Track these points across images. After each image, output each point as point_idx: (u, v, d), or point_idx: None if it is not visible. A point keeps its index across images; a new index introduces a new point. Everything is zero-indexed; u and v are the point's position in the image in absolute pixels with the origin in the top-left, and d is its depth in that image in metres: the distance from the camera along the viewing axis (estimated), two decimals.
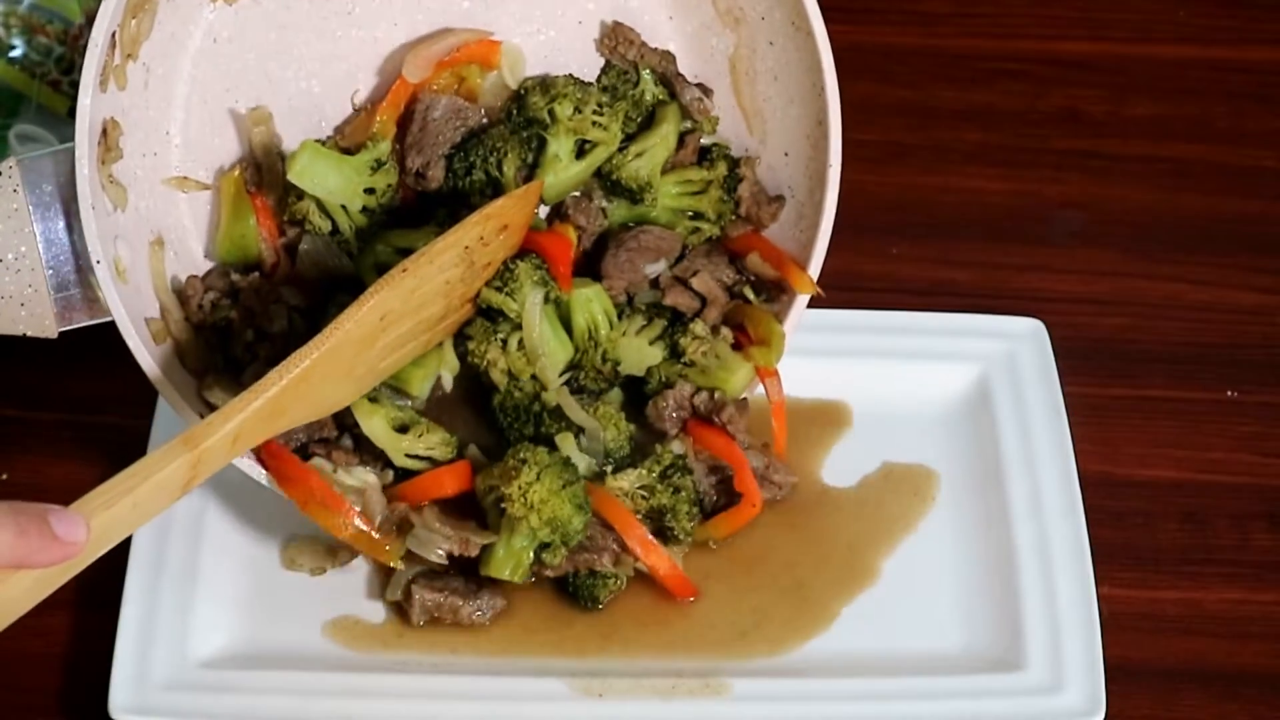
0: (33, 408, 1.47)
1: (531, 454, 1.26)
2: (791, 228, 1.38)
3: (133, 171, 1.26)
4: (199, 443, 1.11)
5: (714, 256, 1.38)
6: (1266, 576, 1.38)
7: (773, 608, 1.33)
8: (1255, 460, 1.46)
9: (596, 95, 1.36)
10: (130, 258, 1.25)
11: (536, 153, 1.36)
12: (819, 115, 1.32)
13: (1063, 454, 1.39)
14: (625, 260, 1.36)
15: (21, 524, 0.98)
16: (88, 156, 1.18)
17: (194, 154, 1.31)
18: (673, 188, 1.39)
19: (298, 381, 1.16)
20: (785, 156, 1.37)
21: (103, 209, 1.21)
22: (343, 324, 1.19)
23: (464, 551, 1.28)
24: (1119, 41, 1.80)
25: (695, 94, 1.38)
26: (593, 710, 1.26)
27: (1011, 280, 1.58)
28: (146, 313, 1.27)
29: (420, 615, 1.30)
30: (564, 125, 1.35)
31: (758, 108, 1.37)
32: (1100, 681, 1.26)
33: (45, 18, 1.55)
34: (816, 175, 1.34)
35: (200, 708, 1.25)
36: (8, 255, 1.21)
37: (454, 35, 1.36)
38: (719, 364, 1.34)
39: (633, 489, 1.30)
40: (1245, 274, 1.59)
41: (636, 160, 1.37)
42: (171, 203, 1.31)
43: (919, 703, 1.27)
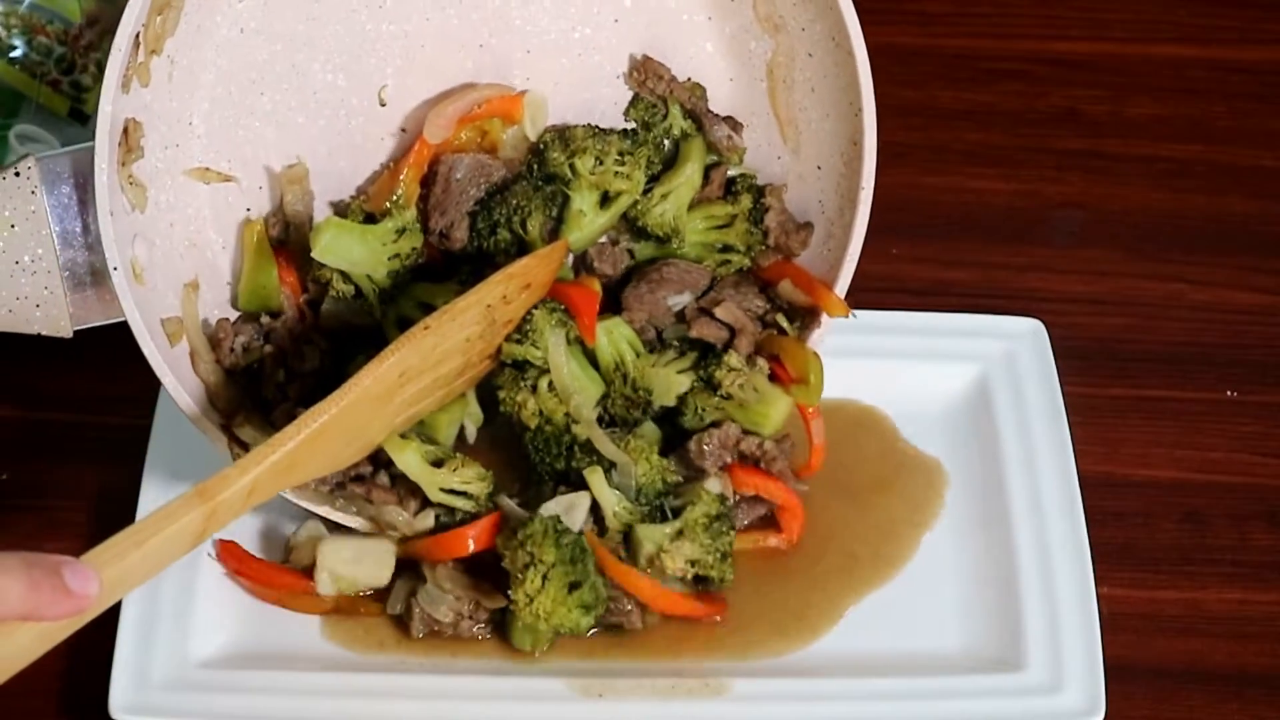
0: (33, 408, 1.47)
1: (538, 548, 1.24)
2: (820, 245, 1.37)
3: (153, 166, 1.25)
4: (214, 496, 1.10)
5: (743, 286, 1.36)
6: (1266, 576, 1.38)
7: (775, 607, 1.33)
8: (1255, 460, 1.46)
9: (617, 144, 1.35)
10: (148, 255, 1.24)
11: (560, 207, 1.36)
12: (854, 135, 1.31)
13: (1063, 454, 1.39)
14: (646, 292, 1.35)
15: (35, 577, 0.97)
16: (107, 162, 1.17)
17: (216, 144, 1.30)
18: (699, 223, 1.38)
19: (314, 436, 1.16)
20: (818, 170, 1.36)
21: (121, 210, 1.21)
22: (361, 380, 1.19)
23: (474, 615, 1.29)
24: (1119, 41, 1.80)
25: (724, 131, 1.37)
26: (593, 710, 1.26)
27: (1011, 280, 1.58)
28: (164, 313, 1.27)
29: (421, 628, 1.30)
30: (586, 180, 1.34)
31: (792, 116, 1.36)
32: (1100, 681, 1.26)
33: (45, 18, 1.55)
34: (848, 195, 1.33)
35: (200, 708, 1.25)
36: (24, 257, 1.21)
37: (476, 91, 1.36)
38: (757, 397, 1.32)
39: (668, 543, 1.29)
40: (1245, 274, 1.59)
41: (662, 204, 1.36)
42: (192, 194, 1.30)
43: (919, 703, 1.27)
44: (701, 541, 1.28)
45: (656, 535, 1.28)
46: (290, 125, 1.33)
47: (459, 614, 1.29)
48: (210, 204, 1.31)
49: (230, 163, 1.32)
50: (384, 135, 1.36)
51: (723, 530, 1.29)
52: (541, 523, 1.25)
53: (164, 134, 1.26)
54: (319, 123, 1.34)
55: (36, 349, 1.49)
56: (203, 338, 1.30)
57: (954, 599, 1.34)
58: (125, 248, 1.21)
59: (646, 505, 1.30)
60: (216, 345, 1.31)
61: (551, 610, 1.24)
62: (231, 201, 1.33)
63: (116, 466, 1.41)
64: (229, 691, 1.27)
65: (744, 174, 1.39)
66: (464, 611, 1.29)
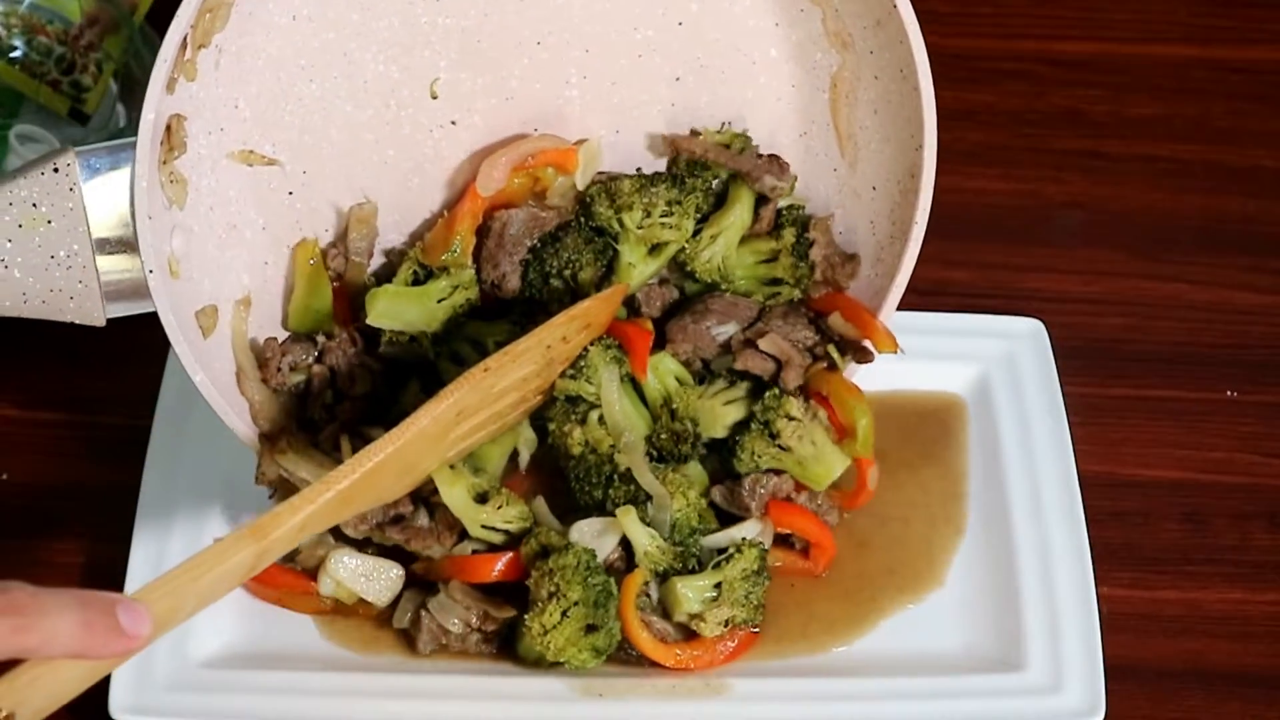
0: (33, 408, 1.47)
1: (566, 583, 1.24)
2: (867, 269, 1.37)
3: (196, 153, 1.24)
4: (267, 534, 1.09)
5: (791, 317, 1.35)
6: (1266, 576, 1.38)
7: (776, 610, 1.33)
8: (1255, 460, 1.46)
9: (665, 194, 1.35)
10: (185, 245, 1.24)
11: (611, 258, 1.36)
12: (912, 169, 1.31)
13: (1063, 454, 1.39)
14: (690, 323, 1.34)
15: (88, 617, 0.96)
16: (147, 168, 1.17)
17: (262, 128, 1.30)
18: (747, 258, 1.38)
19: (368, 475, 1.16)
20: (873, 190, 1.35)
21: (160, 208, 1.20)
22: (418, 420, 1.19)
23: (482, 625, 1.29)
24: (1119, 41, 1.80)
25: (771, 181, 1.36)
26: (593, 710, 1.26)
27: (1011, 280, 1.58)
28: (198, 303, 1.26)
29: (428, 644, 1.30)
30: (633, 234, 1.35)
31: (852, 133, 1.35)
32: (1100, 681, 1.26)
33: (45, 18, 1.55)
34: (900, 224, 1.33)
35: (200, 708, 1.26)
36: (60, 252, 1.21)
37: (530, 142, 1.36)
38: (814, 453, 1.32)
39: (710, 607, 1.28)
40: (1245, 274, 1.59)
41: (710, 247, 1.36)
42: (234, 177, 1.29)
43: (919, 703, 1.27)
44: (738, 597, 1.28)
45: (697, 594, 1.28)
46: (338, 113, 1.32)
47: (468, 625, 1.28)
48: (252, 187, 1.31)
49: (275, 146, 1.31)
50: (433, 127, 1.35)
51: (760, 582, 1.29)
52: (575, 555, 1.25)
53: (208, 120, 1.25)
54: (367, 112, 1.33)
55: (36, 349, 1.49)
56: (250, 356, 1.31)
57: (954, 599, 1.34)
58: (162, 244, 1.20)
59: (679, 544, 1.30)
60: (264, 364, 1.31)
61: (563, 647, 1.25)
62: (274, 185, 1.32)
63: (116, 466, 1.41)
64: (229, 691, 1.27)
65: (793, 204, 1.38)
66: (473, 622, 1.29)
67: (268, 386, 1.30)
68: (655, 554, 1.28)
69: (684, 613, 1.28)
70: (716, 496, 1.33)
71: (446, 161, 1.37)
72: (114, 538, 1.34)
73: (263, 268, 1.33)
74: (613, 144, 1.38)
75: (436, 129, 1.35)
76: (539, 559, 1.26)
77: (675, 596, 1.27)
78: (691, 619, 1.28)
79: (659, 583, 1.29)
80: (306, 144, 1.32)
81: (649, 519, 1.29)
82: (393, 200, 1.36)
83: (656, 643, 1.27)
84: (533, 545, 1.27)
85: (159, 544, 1.33)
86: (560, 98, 1.36)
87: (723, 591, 1.28)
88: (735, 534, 1.31)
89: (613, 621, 1.26)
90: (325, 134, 1.33)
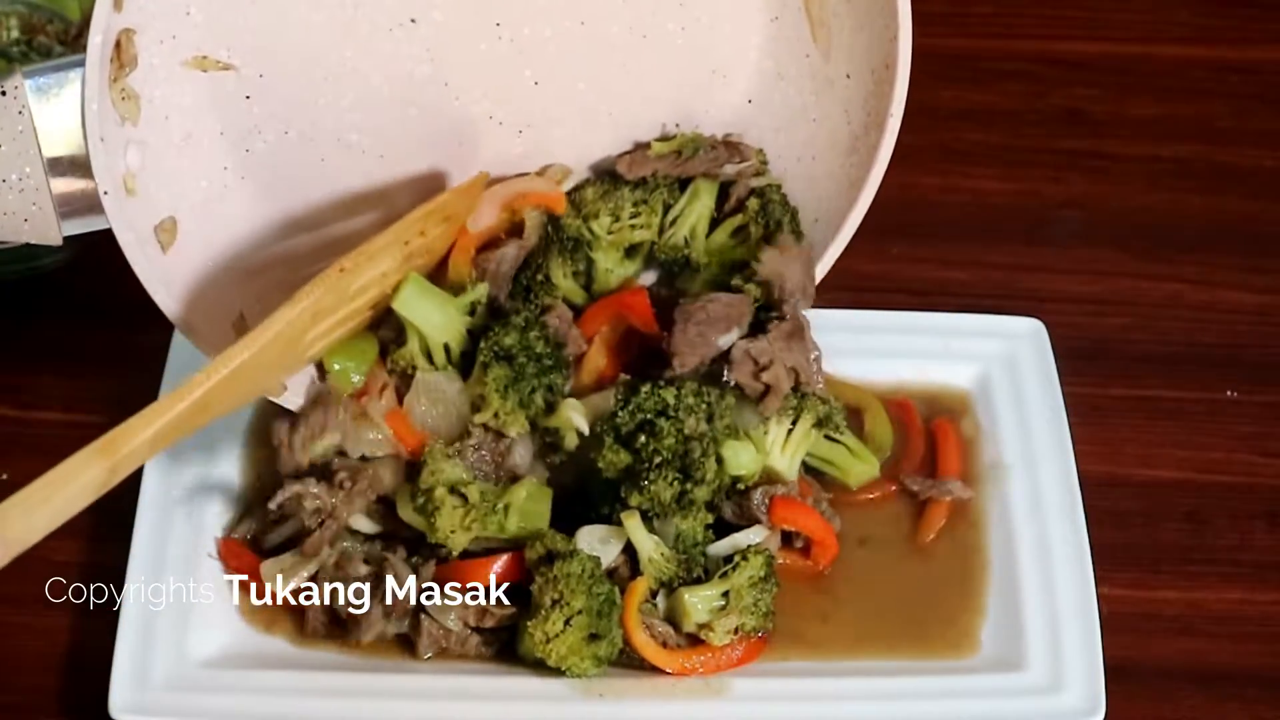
0: (33, 408, 1.47)
1: (570, 591, 1.24)
2: (843, 158, 1.36)
3: (148, 64, 1.23)
4: (119, 449, 1.10)
5: (794, 340, 1.34)
6: (1266, 576, 1.38)
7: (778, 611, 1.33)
8: (1255, 460, 1.46)
9: (630, 196, 1.36)
10: (140, 159, 1.23)
11: (587, 263, 1.37)
12: (887, 58, 1.30)
13: (1063, 454, 1.39)
14: (696, 335, 1.33)
15: None
16: (97, 91, 1.16)
17: (215, 33, 1.28)
18: (721, 239, 1.38)
19: (225, 380, 1.16)
20: (847, 78, 1.34)
21: (112, 125, 1.20)
22: (274, 324, 1.19)
23: (479, 623, 1.29)
24: (1120, 41, 1.80)
25: (731, 168, 1.37)
26: (593, 710, 1.26)
27: (1011, 280, 1.58)
28: (157, 217, 1.25)
29: (429, 647, 1.30)
30: (604, 240, 1.36)
31: (825, 19, 1.34)
32: (1100, 681, 1.26)
33: (45, 18, 1.55)
34: (875, 114, 1.32)
35: (200, 708, 1.25)
36: (11, 176, 1.20)
37: (520, 183, 1.36)
38: (849, 453, 1.38)
39: (718, 616, 1.28)
40: (1245, 274, 1.59)
41: (673, 232, 1.38)
42: (190, 84, 1.27)
43: (920, 702, 1.27)
44: (746, 605, 1.28)
45: (705, 603, 1.28)
46: (293, 14, 1.30)
47: (466, 624, 1.28)
48: (208, 93, 1.29)
49: (229, 51, 1.29)
50: (392, 26, 1.32)
51: (768, 589, 1.29)
52: (580, 563, 1.24)
53: (160, 29, 1.24)
54: (323, 12, 1.31)
55: (37, 349, 1.49)
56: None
57: (954, 599, 1.34)
58: (116, 163, 1.20)
59: (684, 553, 1.30)
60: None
61: (566, 655, 1.25)
62: (230, 90, 1.30)
63: None
64: (229, 691, 1.27)
65: (770, 184, 1.38)
66: (471, 621, 1.28)
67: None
68: (660, 561, 1.28)
69: (693, 623, 1.28)
70: (727, 511, 1.33)
71: (407, 60, 1.34)
72: (114, 538, 1.34)
73: (221, 172, 1.31)
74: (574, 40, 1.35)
75: (396, 27, 1.32)
76: (543, 564, 1.26)
77: (683, 608, 1.27)
78: (700, 629, 1.28)
79: (666, 592, 1.29)
80: (262, 47, 1.30)
81: (655, 529, 1.29)
82: (357, 99, 1.34)
83: (660, 650, 1.27)
84: (538, 550, 1.27)
85: (159, 544, 1.33)
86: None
87: (730, 600, 1.28)
88: (741, 540, 1.31)
89: (615, 630, 1.25)
90: (280, 35, 1.30)
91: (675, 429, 1.26)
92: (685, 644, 1.29)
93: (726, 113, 1.39)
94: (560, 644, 1.24)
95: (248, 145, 1.31)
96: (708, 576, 1.29)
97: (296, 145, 1.32)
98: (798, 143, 1.38)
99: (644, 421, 1.27)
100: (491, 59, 1.33)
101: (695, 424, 1.27)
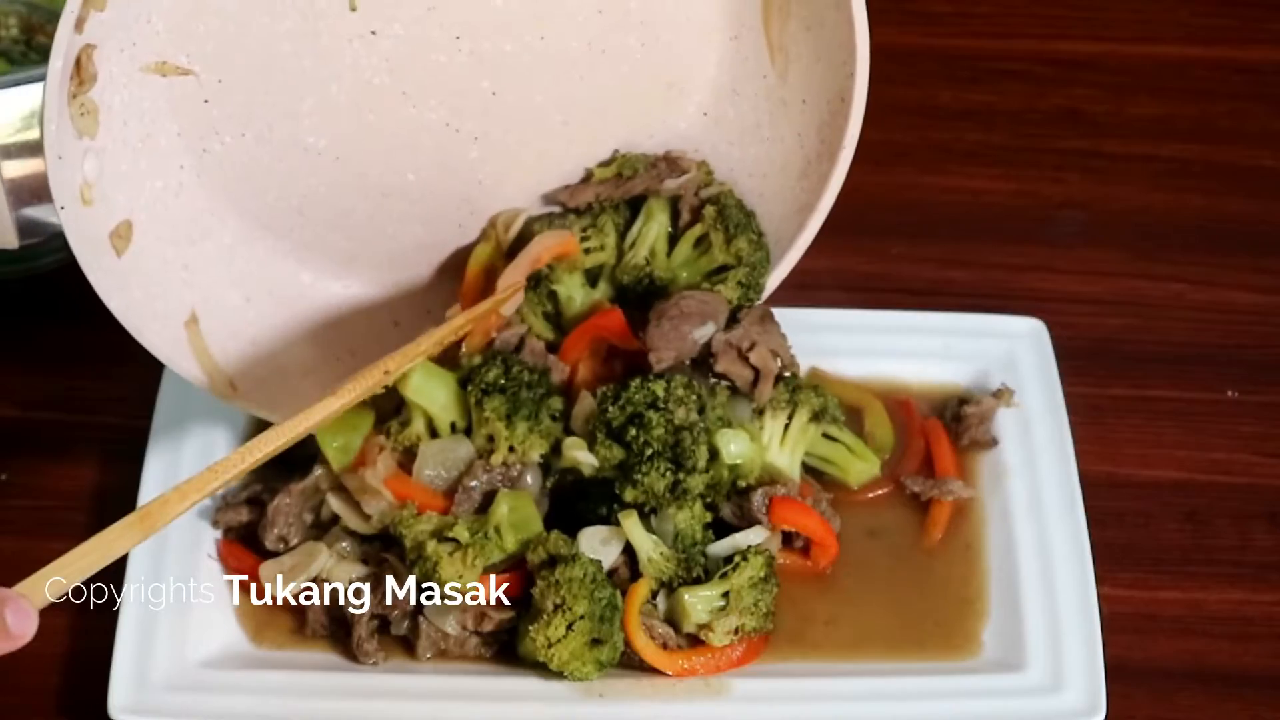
0: (33, 408, 1.47)
1: (572, 596, 1.24)
2: (794, 182, 1.37)
3: (108, 73, 1.23)
4: (153, 524, 1.17)
5: (767, 323, 1.35)
6: (1267, 576, 1.38)
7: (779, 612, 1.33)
8: (1255, 460, 1.45)
9: (578, 221, 1.38)
10: (98, 167, 1.23)
11: (551, 297, 1.38)
12: (843, 93, 1.31)
13: (1063, 454, 1.39)
14: (670, 329, 1.34)
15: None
16: (56, 113, 1.17)
17: (176, 40, 1.28)
18: (686, 252, 1.39)
19: (255, 463, 1.22)
20: (803, 103, 1.35)
21: (70, 140, 1.20)
22: (312, 416, 1.24)
23: (478, 627, 1.29)
24: (1119, 41, 1.80)
25: (671, 184, 1.38)
26: (593, 710, 1.26)
27: (1011, 280, 1.58)
28: (113, 222, 1.25)
29: (428, 649, 1.29)
30: (560, 270, 1.37)
31: (784, 45, 1.35)
32: (1100, 681, 1.26)
33: (45, 18, 1.54)
34: (828, 144, 1.33)
35: (200, 708, 1.25)
36: None
37: (535, 245, 1.37)
38: (849, 452, 1.37)
39: (718, 617, 1.27)
40: (1245, 274, 1.59)
41: (633, 253, 1.39)
42: (148, 89, 1.27)
43: (920, 702, 1.27)
44: (746, 605, 1.27)
45: (704, 604, 1.27)
46: (254, 24, 1.30)
47: (465, 627, 1.28)
48: (167, 96, 1.29)
49: (189, 57, 1.29)
50: (352, 37, 1.32)
51: (769, 589, 1.28)
52: (582, 567, 1.24)
53: (120, 39, 1.23)
54: (284, 23, 1.30)
55: (36, 349, 1.49)
56: (218, 368, 1.33)
57: (955, 599, 1.34)
58: (74, 175, 1.20)
59: (684, 552, 1.30)
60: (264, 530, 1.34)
61: (568, 660, 1.25)
62: (189, 94, 1.30)
63: (116, 466, 1.41)
64: (229, 691, 1.27)
65: (722, 190, 1.39)
66: (469, 625, 1.28)
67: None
68: (659, 561, 1.28)
69: (692, 624, 1.28)
70: (727, 513, 1.33)
71: (366, 70, 1.34)
72: None
73: (178, 171, 1.31)
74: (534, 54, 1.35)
75: (356, 39, 1.33)
76: (544, 568, 1.26)
77: (683, 608, 1.27)
78: (700, 629, 1.28)
79: (666, 593, 1.29)
80: (222, 54, 1.30)
81: (653, 528, 1.29)
82: (315, 105, 1.34)
83: (660, 651, 1.27)
84: (540, 554, 1.27)
85: (159, 544, 1.33)
86: (485, 7, 1.33)
87: (730, 600, 1.28)
88: (741, 540, 1.31)
89: (617, 634, 1.25)
90: (241, 44, 1.30)
91: (665, 420, 1.27)
92: (685, 644, 1.28)
93: (681, 123, 1.41)
94: (562, 649, 1.24)
95: (205, 146, 1.32)
96: (707, 577, 1.29)
97: (253, 147, 1.33)
98: (750, 159, 1.40)
99: (634, 415, 1.28)
100: (450, 70, 1.34)
101: (685, 414, 1.28)
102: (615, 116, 1.39)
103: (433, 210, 1.39)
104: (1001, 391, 1.42)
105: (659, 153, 1.41)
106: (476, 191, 1.39)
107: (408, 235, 1.40)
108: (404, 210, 1.39)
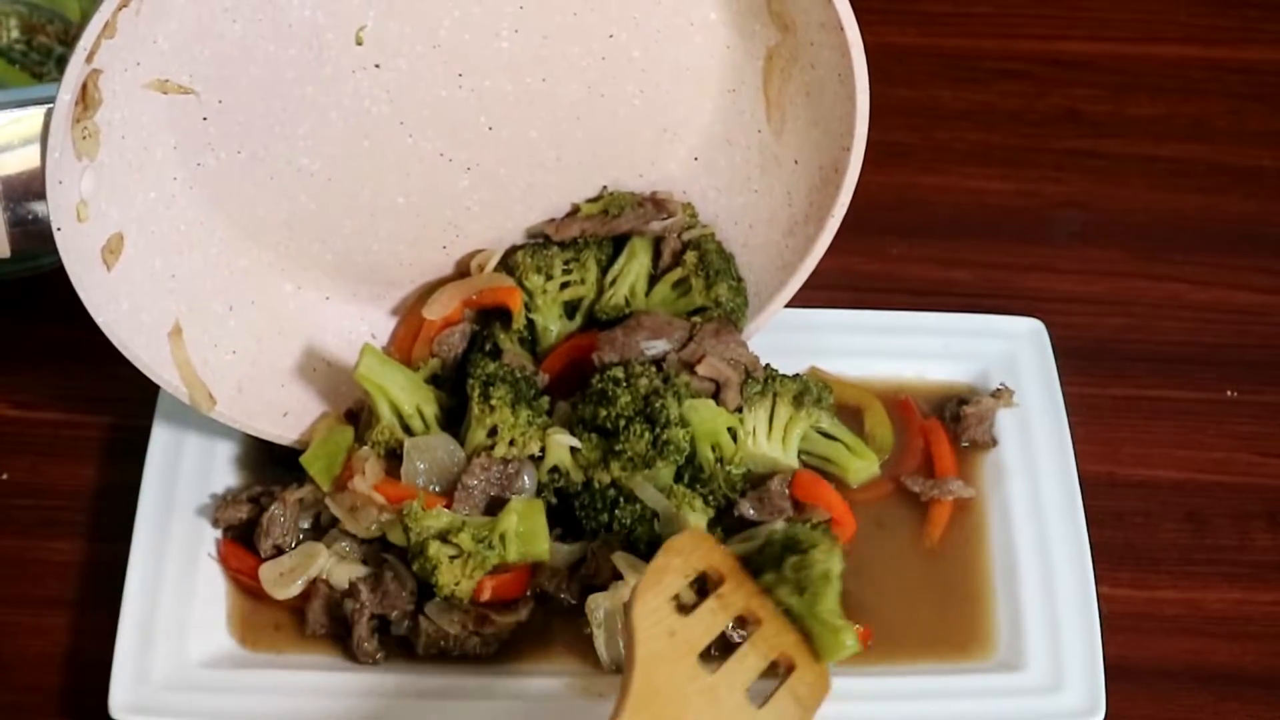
0: (33, 408, 1.47)
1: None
2: (780, 238, 1.38)
3: (110, 91, 1.23)
4: None
5: (724, 335, 1.36)
6: (1266, 576, 1.38)
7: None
8: (1255, 460, 1.46)
9: (560, 255, 1.39)
10: (95, 182, 1.23)
11: (529, 325, 1.40)
12: (837, 164, 1.32)
13: (1062, 454, 1.39)
14: (620, 335, 1.36)
15: None
16: (61, 141, 1.17)
17: (180, 60, 1.28)
18: (665, 293, 1.40)
19: None
20: (795, 164, 1.36)
21: (70, 163, 1.20)
22: None
23: (478, 627, 1.29)
24: (1119, 41, 1.80)
25: (657, 225, 1.39)
26: (593, 710, 1.26)
27: (1011, 280, 1.58)
28: (105, 235, 1.26)
29: (427, 647, 1.30)
30: (540, 298, 1.39)
31: (782, 104, 1.36)
32: (1100, 681, 1.26)
33: (45, 18, 1.55)
34: (817, 208, 1.35)
35: (200, 708, 1.25)
36: None
37: (478, 280, 1.39)
38: (848, 450, 1.38)
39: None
40: (1245, 274, 1.59)
41: (613, 291, 1.40)
42: (148, 104, 1.28)
43: (919, 702, 1.27)
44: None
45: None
46: (259, 50, 1.30)
47: (465, 626, 1.28)
48: (166, 112, 1.30)
49: (191, 77, 1.29)
50: (355, 69, 1.33)
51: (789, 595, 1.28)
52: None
53: (125, 59, 1.24)
54: (289, 51, 1.31)
55: (37, 349, 1.49)
56: (200, 382, 1.33)
57: (955, 599, 1.34)
58: (72, 195, 1.20)
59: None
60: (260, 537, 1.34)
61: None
62: (189, 110, 1.31)
63: (116, 466, 1.41)
64: (229, 691, 1.27)
65: (703, 234, 1.40)
66: (469, 625, 1.29)
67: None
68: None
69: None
70: (745, 508, 1.33)
71: (366, 100, 1.35)
72: (114, 538, 1.34)
73: (171, 182, 1.32)
74: (534, 94, 1.36)
75: (359, 70, 1.33)
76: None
77: None
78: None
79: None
80: (225, 76, 1.30)
81: (660, 533, 1.29)
82: (312, 129, 1.35)
83: None
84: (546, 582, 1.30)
85: (159, 544, 1.33)
86: (489, 48, 1.34)
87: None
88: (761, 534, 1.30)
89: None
90: (244, 69, 1.31)
91: (630, 391, 1.29)
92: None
93: (671, 165, 1.42)
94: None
95: (200, 160, 1.33)
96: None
97: (247, 164, 1.34)
98: (736, 207, 1.41)
99: (601, 393, 1.30)
100: (450, 104, 1.35)
101: (649, 383, 1.30)
102: (608, 156, 1.40)
103: (419, 232, 1.40)
104: (1001, 391, 1.42)
105: (647, 192, 1.42)
106: (464, 218, 1.40)
107: (392, 253, 1.41)
108: (391, 230, 1.39)
